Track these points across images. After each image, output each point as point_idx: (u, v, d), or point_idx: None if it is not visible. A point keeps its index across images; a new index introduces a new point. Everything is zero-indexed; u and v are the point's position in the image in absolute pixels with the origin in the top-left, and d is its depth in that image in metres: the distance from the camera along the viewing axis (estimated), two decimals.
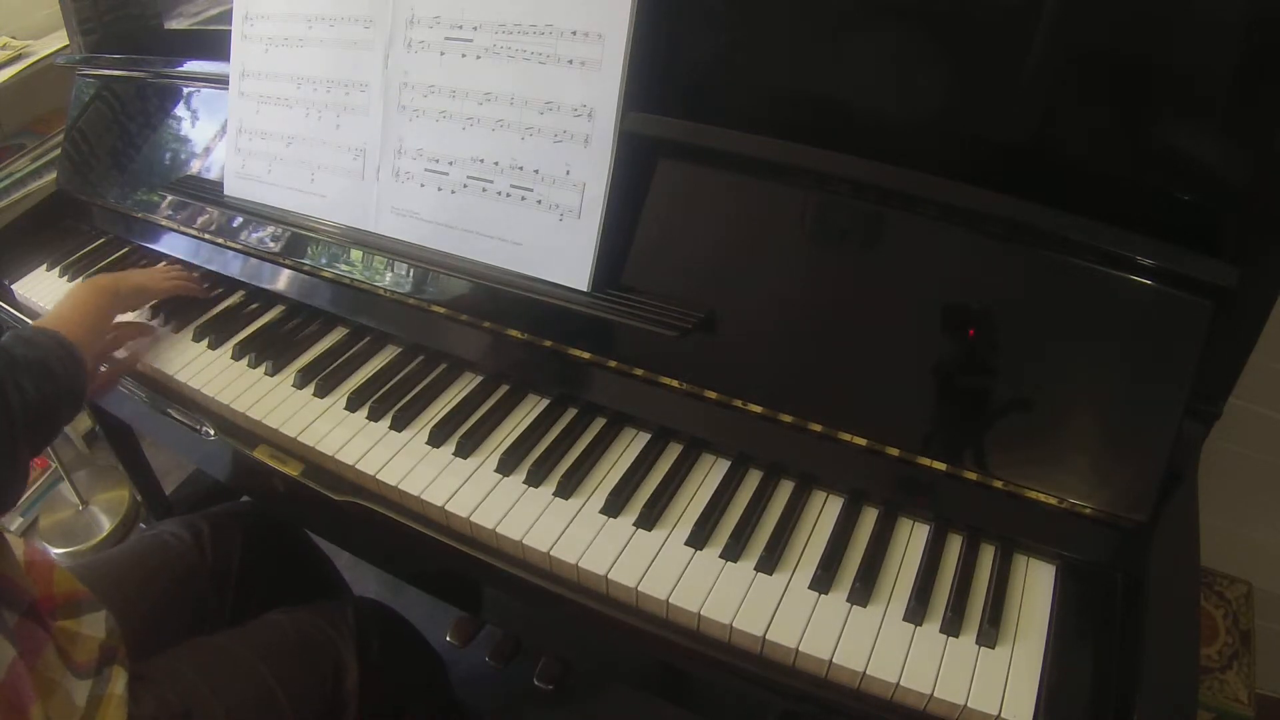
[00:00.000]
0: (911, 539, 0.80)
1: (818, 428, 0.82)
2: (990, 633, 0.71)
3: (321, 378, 0.98)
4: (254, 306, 1.13)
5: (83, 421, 1.89)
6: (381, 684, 0.96)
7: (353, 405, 0.95)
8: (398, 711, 1.00)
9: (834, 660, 0.70)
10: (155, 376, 1.06)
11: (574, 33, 0.86)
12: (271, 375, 1.01)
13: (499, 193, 0.93)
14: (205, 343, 1.07)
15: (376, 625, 0.99)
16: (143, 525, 1.74)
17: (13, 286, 1.26)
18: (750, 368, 0.85)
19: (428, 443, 0.90)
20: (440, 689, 1.13)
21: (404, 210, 0.99)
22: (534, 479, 0.85)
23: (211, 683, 0.83)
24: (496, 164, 0.93)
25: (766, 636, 0.71)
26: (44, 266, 1.28)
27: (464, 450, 0.88)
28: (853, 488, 0.84)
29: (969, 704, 0.67)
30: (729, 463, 0.87)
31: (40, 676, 0.71)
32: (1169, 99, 0.77)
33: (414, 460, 0.88)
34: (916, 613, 0.73)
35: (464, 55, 0.93)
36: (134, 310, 1.10)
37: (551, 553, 0.78)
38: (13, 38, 1.72)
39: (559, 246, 0.90)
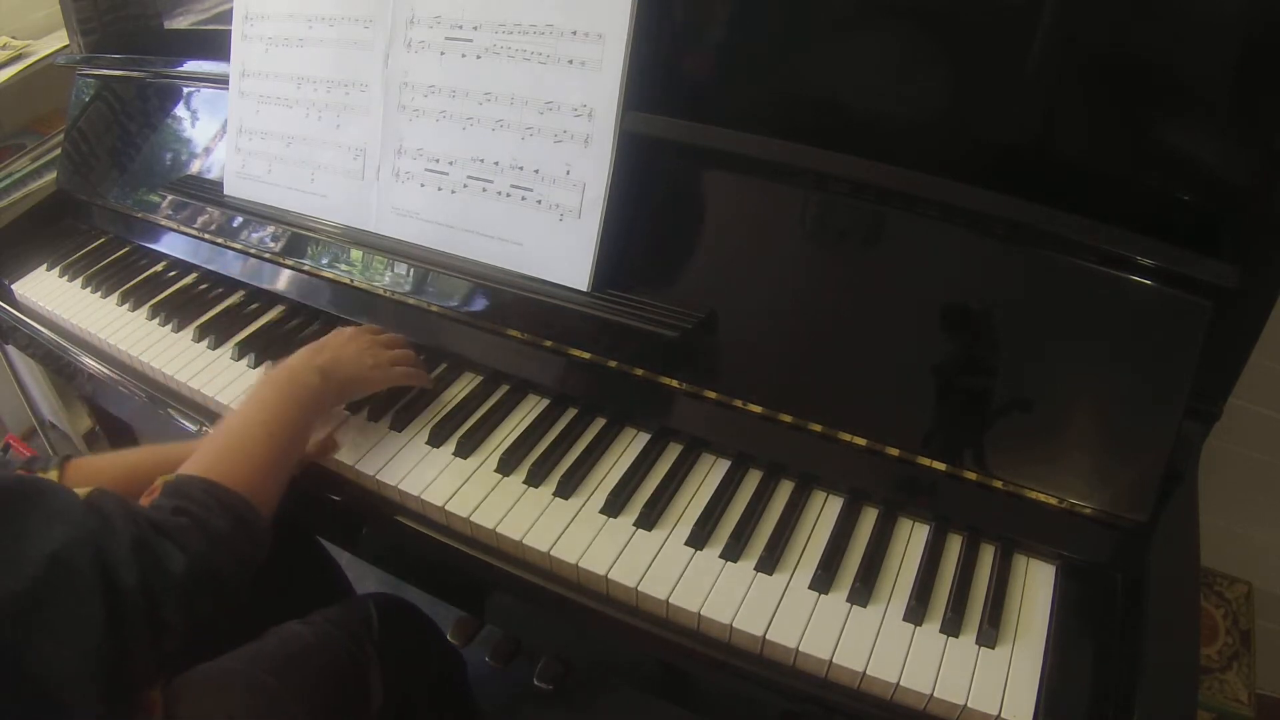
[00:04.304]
0: (911, 539, 0.80)
1: (818, 428, 0.82)
2: (990, 633, 0.71)
3: None
4: (254, 306, 1.13)
5: (82, 421, 1.89)
6: (401, 687, 0.94)
7: (352, 405, 0.95)
8: (413, 709, 0.99)
9: (834, 660, 0.70)
10: (155, 376, 1.06)
11: (574, 33, 0.86)
12: None
13: (499, 193, 0.93)
14: (206, 343, 1.07)
15: (397, 629, 0.96)
16: None
17: (13, 286, 1.26)
18: (750, 368, 0.85)
19: (427, 443, 0.90)
20: (452, 686, 1.12)
21: (404, 210, 0.99)
22: (534, 479, 0.85)
23: (232, 714, 0.81)
24: (496, 164, 0.93)
25: (766, 636, 0.71)
26: (44, 266, 1.28)
27: (464, 450, 0.88)
28: (853, 488, 0.83)
29: (969, 704, 0.67)
30: (729, 463, 0.87)
31: None
32: (1169, 99, 0.77)
33: (413, 460, 0.88)
34: (916, 613, 0.73)
35: (464, 55, 0.93)
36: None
37: (551, 553, 0.78)
38: (13, 38, 1.71)
39: (559, 246, 0.90)
